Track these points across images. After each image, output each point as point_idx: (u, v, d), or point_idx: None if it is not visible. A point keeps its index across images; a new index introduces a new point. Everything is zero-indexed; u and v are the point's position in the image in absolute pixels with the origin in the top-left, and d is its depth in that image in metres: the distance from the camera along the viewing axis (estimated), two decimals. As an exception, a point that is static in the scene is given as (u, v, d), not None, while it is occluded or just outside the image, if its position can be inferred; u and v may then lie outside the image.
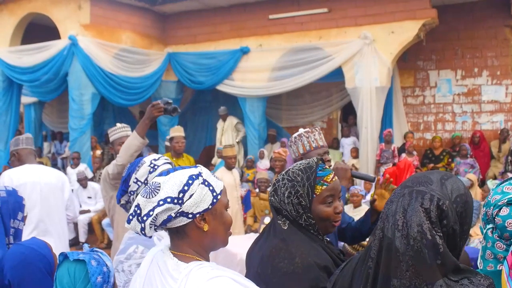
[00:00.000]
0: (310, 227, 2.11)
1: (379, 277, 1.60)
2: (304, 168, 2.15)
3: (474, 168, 10.53)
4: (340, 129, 13.73)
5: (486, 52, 11.77)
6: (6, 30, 12.66)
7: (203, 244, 1.75)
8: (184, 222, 1.69)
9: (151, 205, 1.66)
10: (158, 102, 3.65)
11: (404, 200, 1.61)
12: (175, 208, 1.66)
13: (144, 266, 1.77)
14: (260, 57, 12.10)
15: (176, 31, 13.36)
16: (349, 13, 11.14)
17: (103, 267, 2.11)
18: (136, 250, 2.30)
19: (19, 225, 2.82)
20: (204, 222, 1.72)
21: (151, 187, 1.70)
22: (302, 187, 2.10)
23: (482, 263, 2.05)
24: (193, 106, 15.17)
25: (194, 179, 1.71)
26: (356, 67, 10.89)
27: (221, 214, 1.77)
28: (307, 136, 3.32)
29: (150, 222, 1.66)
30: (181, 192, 1.67)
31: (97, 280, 2.07)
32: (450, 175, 1.67)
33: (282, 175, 2.18)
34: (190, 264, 1.66)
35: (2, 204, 2.74)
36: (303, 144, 3.32)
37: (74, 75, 11.36)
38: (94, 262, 2.10)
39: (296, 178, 2.11)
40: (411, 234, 1.53)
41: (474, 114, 12.05)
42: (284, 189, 2.11)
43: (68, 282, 2.05)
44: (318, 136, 3.36)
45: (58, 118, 16.35)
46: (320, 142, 3.35)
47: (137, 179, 2.41)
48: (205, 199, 1.70)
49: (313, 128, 3.41)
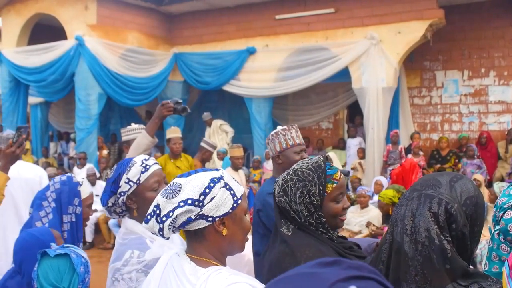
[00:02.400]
0: (320, 225, 2.11)
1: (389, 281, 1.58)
2: (313, 167, 2.14)
3: (481, 168, 10.49)
4: (347, 130, 13.70)
5: (493, 52, 11.73)
6: (13, 31, 12.72)
7: (221, 248, 1.72)
8: (203, 225, 1.67)
9: (171, 206, 1.63)
10: (168, 102, 3.65)
11: (412, 204, 1.60)
12: (196, 210, 1.63)
13: (159, 270, 1.74)
14: (266, 57, 12.10)
15: (182, 31, 13.37)
16: (356, 13, 11.11)
17: (81, 258, 2.28)
18: (132, 255, 2.23)
19: (76, 209, 3.02)
20: (223, 226, 1.69)
21: (171, 188, 1.68)
22: (313, 186, 2.09)
23: (487, 264, 2.04)
24: (199, 106, 15.16)
25: (216, 182, 1.68)
26: (362, 67, 10.86)
27: (240, 219, 1.74)
28: (283, 134, 3.34)
29: (169, 223, 1.63)
30: (202, 195, 1.64)
31: (80, 270, 2.24)
32: (460, 177, 1.65)
33: (289, 175, 2.16)
34: (208, 269, 1.63)
35: (60, 194, 3.00)
36: (279, 142, 3.34)
37: (80, 75, 11.39)
38: (74, 254, 2.26)
39: (307, 178, 2.11)
40: (419, 240, 1.53)
41: (481, 114, 12.00)
42: (295, 189, 2.10)
43: (54, 277, 2.16)
44: (295, 134, 3.37)
45: (65, 118, 16.39)
46: (297, 140, 3.36)
47: (129, 179, 2.36)
48: (225, 203, 1.68)
49: (290, 126, 3.42)
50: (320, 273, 0.79)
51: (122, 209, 2.43)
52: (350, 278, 0.78)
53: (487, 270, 2.02)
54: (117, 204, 2.40)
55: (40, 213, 2.98)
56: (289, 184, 2.13)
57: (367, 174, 10.97)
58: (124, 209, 2.42)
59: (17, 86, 12.79)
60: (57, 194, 3.02)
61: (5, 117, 13.02)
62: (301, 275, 0.80)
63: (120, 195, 2.37)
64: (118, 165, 2.44)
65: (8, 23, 12.90)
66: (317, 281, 0.77)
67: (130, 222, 2.39)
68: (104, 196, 2.40)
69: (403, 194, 1.70)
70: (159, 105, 3.68)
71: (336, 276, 0.77)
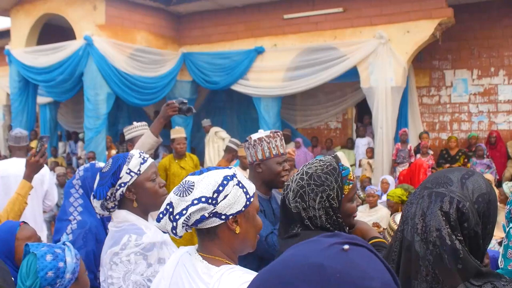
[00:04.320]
0: (337, 227, 2.09)
1: (399, 278, 1.56)
2: (329, 170, 2.10)
3: (490, 168, 10.42)
4: (355, 129, 13.67)
5: (503, 51, 11.66)
6: (22, 31, 12.77)
7: (233, 246, 1.72)
8: (217, 223, 1.66)
9: (184, 204, 1.63)
10: (173, 102, 3.66)
11: (423, 203, 1.57)
12: (209, 208, 1.63)
13: (170, 268, 1.74)
14: (274, 57, 12.09)
15: (191, 31, 13.39)
16: (364, 12, 11.09)
17: (59, 262, 2.23)
18: (130, 239, 2.23)
19: None
20: (236, 224, 1.69)
21: (184, 186, 1.68)
22: (332, 190, 2.06)
23: (503, 262, 2.02)
24: (207, 106, 15.19)
25: (229, 180, 1.68)
26: (371, 67, 10.83)
27: (253, 217, 1.74)
28: (268, 142, 3.14)
29: (183, 221, 1.63)
30: (216, 192, 1.64)
31: (47, 275, 2.19)
32: (471, 173, 1.62)
33: (305, 180, 2.10)
34: (221, 268, 1.63)
35: (84, 180, 3.21)
36: (262, 149, 3.13)
37: (89, 75, 11.42)
38: (50, 256, 2.23)
39: (326, 182, 2.07)
40: (430, 239, 1.51)
41: (491, 114, 11.94)
42: (314, 195, 2.06)
43: (23, 273, 2.20)
44: (279, 142, 3.17)
45: (73, 118, 16.46)
46: (281, 150, 3.17)
47: (130, 170, 2.37)
48: (239, 200, 1.67)
49: (275, 133, 3.21)
50: (322, 240, 0.93)
51: (114, 204, 2.43)
52: (346, 243, 0.91)
53: (504, 268, 1.99)
54: (112, 198, 2.40)
55: (70, 200, 3.19)
56: (306, 190, 2.08)
57: (376, 174, 10.94)
58: (116, 204, 2.43)
59: (26, 86, 12.84)
60: (82, 180, 3.22)
61: (14, 116, 13.08)
62: (308, 242, 0.95)
63: (120, 186, 2.37)
64: (114, 159, 2.44)
65: (17, 24, 12.96)
66: (320, 243, 0.92)
67: (123, 212, 2.40)
68: (102, 189, 2.37)
69: (413, 192, 1.68)
70: (164, 104, 3.69)
71: (333, 241, 0.92)
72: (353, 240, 0.93)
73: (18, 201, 3.36)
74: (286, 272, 0.88)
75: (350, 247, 0.90)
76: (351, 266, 0.86)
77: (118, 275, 2.20)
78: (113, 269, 2.21)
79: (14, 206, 3.33)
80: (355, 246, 0.91)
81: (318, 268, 0.85)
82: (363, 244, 0.94)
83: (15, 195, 3.41)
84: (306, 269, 0.86)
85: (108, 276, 2.24)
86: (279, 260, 0.93)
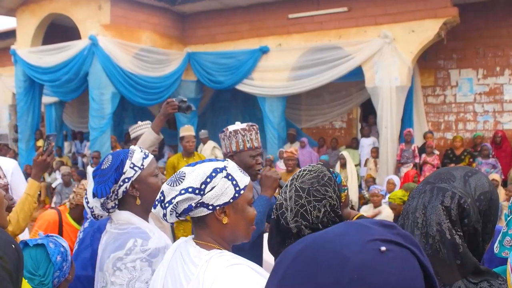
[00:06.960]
0: None
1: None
2: (326, 182, 2.05)
3: (495, 168, 10.39)
4: (360, 129, 13.65)
5: (508, 50, 11.62)
6: (27, 31, 12.82)
7: (223, 235, 1.78)
8: (205, 212, 1.74)
9: (173, 193, 1.72)
10: (173, 100, 3.72)
11: (424, 197, 1.57)
12: (196, 198, 1.71)
13: (168, 256, 1.81)
14: (279, 56, 12.09)
15: (196, 31, 13.41)
16: (369, 12, 11.08)
17: (60, 248, 2.44)
18: (135, 244, 2.14)
19: None
20: (224, 215, 1.76)
21: (176, 176, 1.76)
22: (334, 200, 2.05)
23: (498, 248, 2.01)
24: (212, 105, 15.21)
25: (218, 172, 1.75)
26: (376, 66, 10.82)
27: (242, 209, 1.79)
28: (243, 134, 3.20)
29: (170, 209, 1.73)
30: (203, 184, 1.72)
31: (57, 259, 2.40)
32: (474, 171, 1.62)
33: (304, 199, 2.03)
34: (211, 251, 1.71)
35: None
36: (237, 141, 3.19)
37: (94, 75, 11.46)
38: (52, 244, 2.43)
39: (327, 194, 2.03)
40: (430, 233, 1.50)
41: (496, 113, 11.90)
42: (317, 212, 2.01)
43: (32, 265, 2.32)
44: (255, 136, 3.23)
45: (79, 118, 16.49)
46: (255, 143, 3.22)
47: (134, 164, 2.31)
48: (226, 192, 1.74)
49: (251, 126, 3.26)
50: (371, 228, 0.89)
51: (115, 203, 2.33)
52: (391, 241, 0.86)
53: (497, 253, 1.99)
54: (113, 196, 2.30)
55: None
56: (307, 208, 2.01)
57: (380, 173, 10.93)
58: (116, 203, 2.33)
59: (32, 86, 12.90)
60: None
61: (20, 116, 13.15)
62: (357, 223, 0.91)
63: (123, 182, 2.28)
64: (114, 154, 2.35)
65: (23, 23, 13.00)
66: (364, 232, 0.87)
67: (125, 213, 2.31)
68: (104, 186, 2.26)
69: (416, 187, 1.68)
70: (164, 103, 3.74)
71: (380, 235, 0.86)
72: (402, 238, 0.88)
73: (27, 201, 3.33)
74: (320, 251, 0.87)
75: (390, 248, 0.84)
76: (374, 271, 0.82)
77: (121, 281, 2.12)
78: (116, 275, 2.13)
79: (23, 206, 3.30)
80: (398, 247, 0.86)
81: (343, 260, 0.83)
82: (409, 246, 0.87)
83: (24, 195, 3.35)
84: (333, 255, 0.85)
85: (110, 282, 2.15)
86: (329, 235, 0.91)
